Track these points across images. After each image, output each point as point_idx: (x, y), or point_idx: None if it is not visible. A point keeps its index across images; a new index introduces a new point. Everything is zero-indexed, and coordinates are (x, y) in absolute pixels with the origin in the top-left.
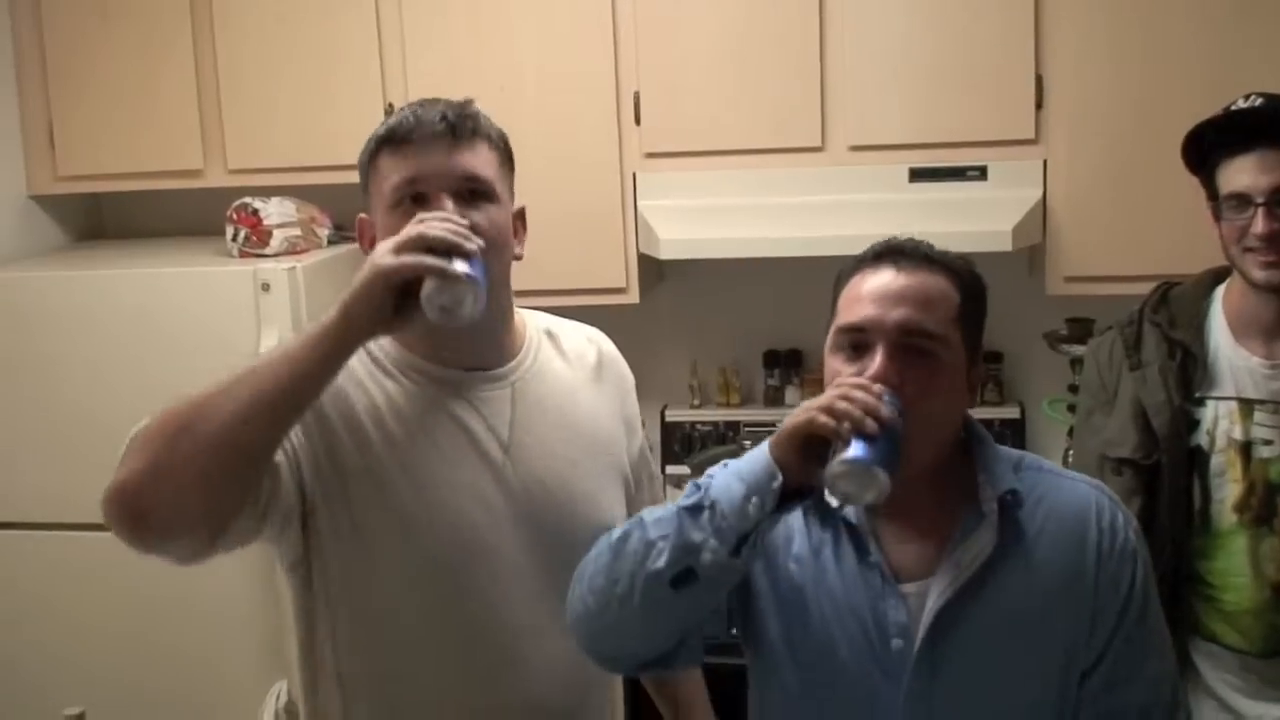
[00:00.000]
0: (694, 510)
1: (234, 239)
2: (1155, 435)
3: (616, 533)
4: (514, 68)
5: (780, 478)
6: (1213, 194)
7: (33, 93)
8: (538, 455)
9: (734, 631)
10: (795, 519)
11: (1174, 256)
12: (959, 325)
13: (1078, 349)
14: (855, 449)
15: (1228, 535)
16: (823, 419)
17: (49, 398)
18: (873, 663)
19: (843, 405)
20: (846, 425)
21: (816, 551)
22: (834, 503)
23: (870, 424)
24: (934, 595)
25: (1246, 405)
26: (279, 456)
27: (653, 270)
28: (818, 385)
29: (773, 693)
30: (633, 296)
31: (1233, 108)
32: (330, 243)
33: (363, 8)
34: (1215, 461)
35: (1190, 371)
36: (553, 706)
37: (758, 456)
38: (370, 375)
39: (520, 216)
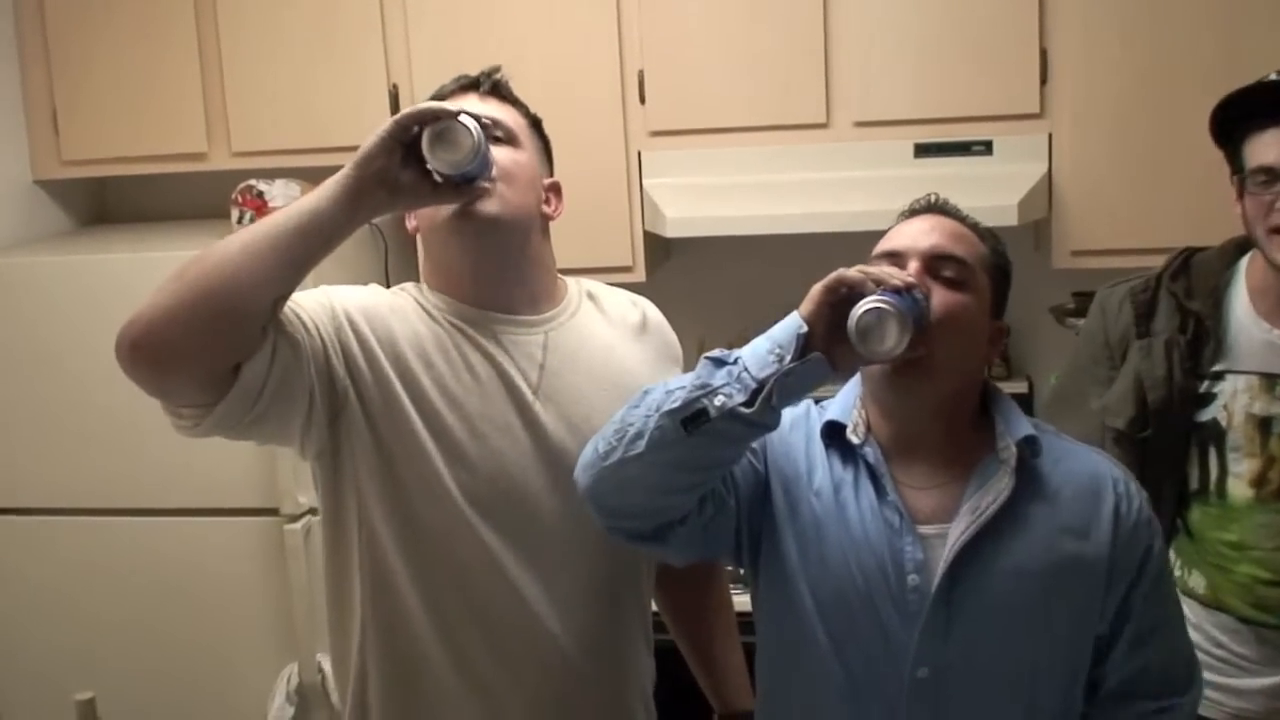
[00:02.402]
0: (718, 361)
1: (239, 221)
2: (1148, 409)
3: (639, 393)
4: (518, 47)
5: (805, 328)
6: (1238, 168)
7: (36, 77)
8: (568, 400)
9: (741, 571)
10: (818, 454)
11: (1180, 229)
12: (987, 272)
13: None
14: (880, 294)
15: (1244, 510)
16: (851, 272)
17: (54, 383)
18: (887, 599)
19: (872, 269)
20: (874, 284)
21: (837, 488)
22: (854, 340)
23: (895, 281)
24: (953, 536)
25: (1268, 380)
26: (303, 336)
27: (659, 248)
28: None
29: (781, 621)
30: (639, 275)
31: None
32: None
33: None
34: (1232, 436)
35: (1201, 345)
36: (567, 649)
37: (787, 318)
38: (417, 313)
39: (555, 189)
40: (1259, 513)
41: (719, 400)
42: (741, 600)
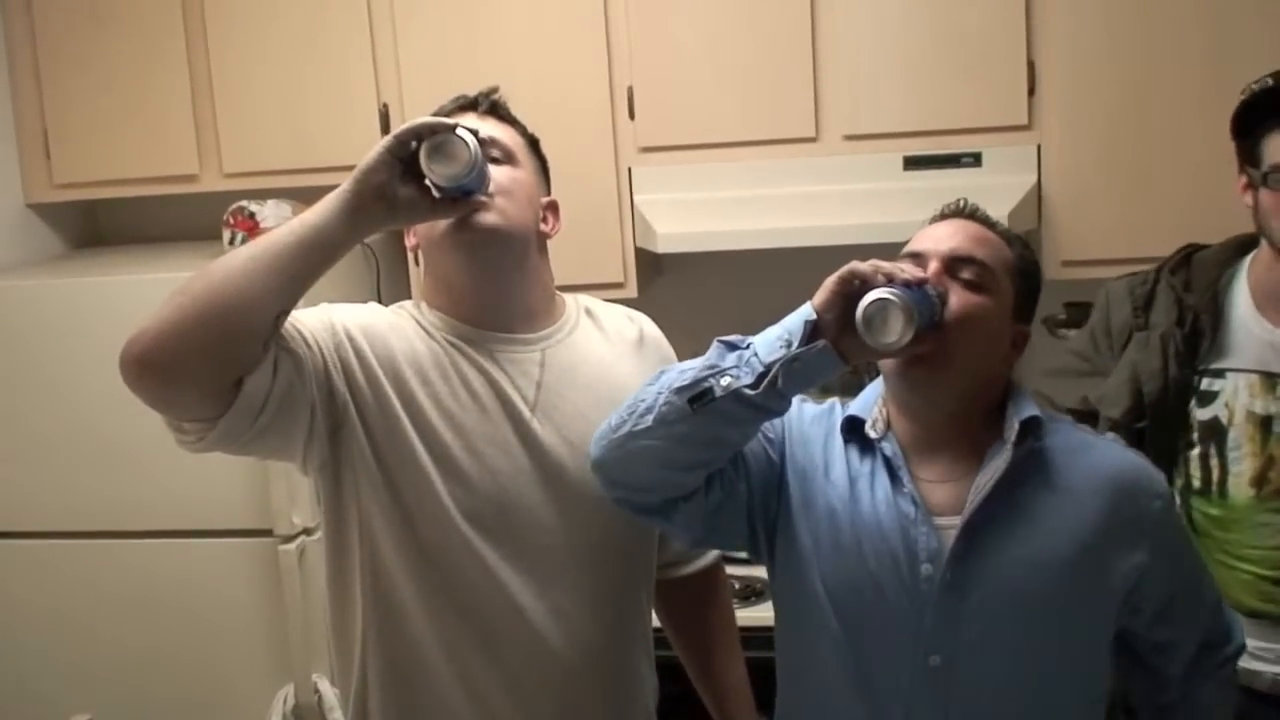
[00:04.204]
0: (731, 345)
1: (231, 243)
2: (1144, 401)
3: (656, 372)
4: (507, 64)
5: (814, 316)
6: (1253, 162)
7: (27, 101)
8: (566, 416)
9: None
10: (837, 447)
11: (1170, 238)
12: (1011, 276)
13: (1075, 333)
14: (889, 287)
15: (1245, 509)
16: (863, 265)
17: (49, 406)
18: (900, 587)
19: (884, 264)
20: (884, 278)
21: (853, 480)
22: (860, 329)
23: (905, 275)
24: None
25: (1269, 379)
26: (304, 351)
27: (651, 264)
28: None
29: (795, 611)
30: (631, 291)
31: None
32: None
33: (355, 8)
34: (1233, 435)
35: (1198, 340)
36: (568, 664)
37: (800, 307)
38: (416, 332)
39: (553, 208)
40: (1259, 512)
41: (725, 381)
42: (745, 615)
